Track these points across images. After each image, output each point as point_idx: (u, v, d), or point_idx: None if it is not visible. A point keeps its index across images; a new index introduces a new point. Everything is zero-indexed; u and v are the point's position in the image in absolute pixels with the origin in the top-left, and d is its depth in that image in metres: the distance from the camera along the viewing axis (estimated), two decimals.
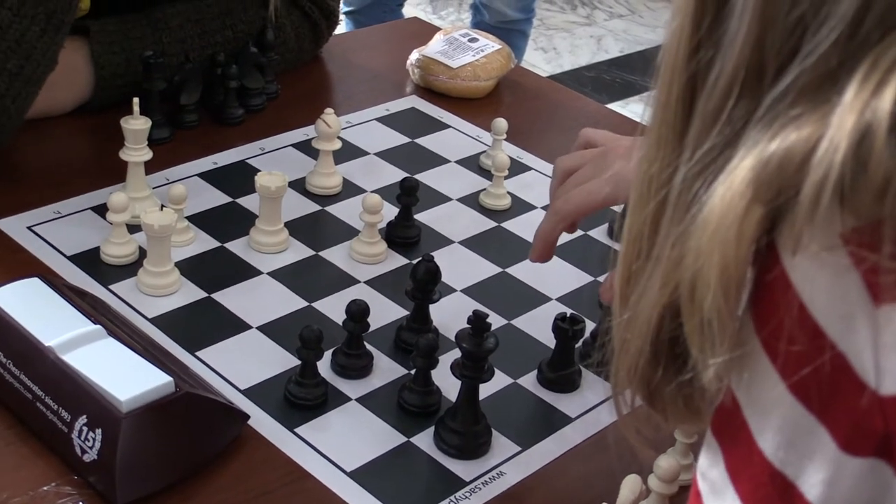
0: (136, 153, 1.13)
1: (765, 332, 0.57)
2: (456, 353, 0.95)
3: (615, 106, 3.61)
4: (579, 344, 1.02)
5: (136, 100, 1.14)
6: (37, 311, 0.90)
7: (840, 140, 0.51)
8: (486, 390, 0.94)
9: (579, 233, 1.20)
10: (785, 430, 0.57)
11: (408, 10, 3.08)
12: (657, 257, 0.61)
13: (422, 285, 1.00)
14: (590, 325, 1.03)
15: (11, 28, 1.06)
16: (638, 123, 1.47)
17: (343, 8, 1.49)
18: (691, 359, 0.59)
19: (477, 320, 0.90)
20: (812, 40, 0.55)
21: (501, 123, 1.30)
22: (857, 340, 0.53)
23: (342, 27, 1.95)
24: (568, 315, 1.01)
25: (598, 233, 1.22)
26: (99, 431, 0.82)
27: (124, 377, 0.85)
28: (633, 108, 3.62)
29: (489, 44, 1.48)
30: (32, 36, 1.09)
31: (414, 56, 1.47)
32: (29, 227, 1.11)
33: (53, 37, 1.12)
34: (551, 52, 3.91)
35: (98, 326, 0.89)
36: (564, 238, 1.19)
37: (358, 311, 0.96)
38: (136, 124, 1.12)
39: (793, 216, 0.54)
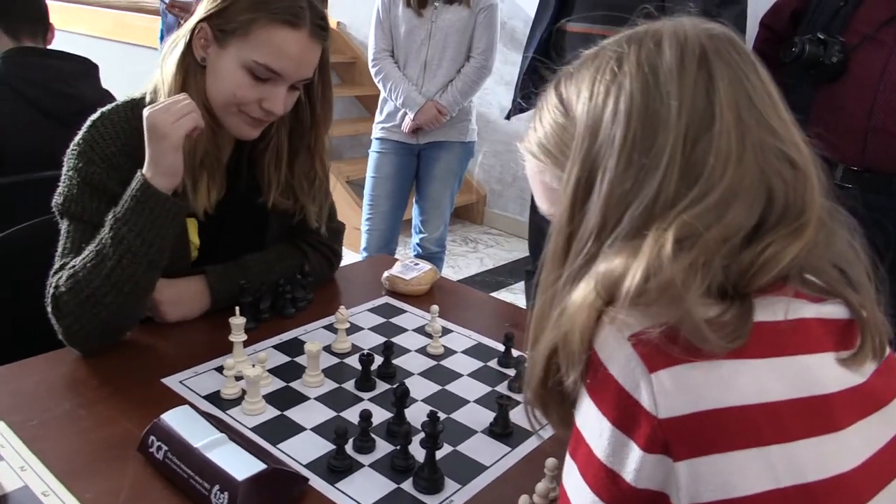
0: (237, 336, 1.14)
1: (591, 391, 0.59)
2: (421, 435, 0.96)
3: (494, 293, 3.68)
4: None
5: (237, 308, 1.16)
6: (189, 425, 0.91)
7: (638, 268, 0.56)
8: (438, 454, 0.94)
9: (482, 364, 1.23)
10: (609, 443, 0.58)
11: None
12: (551, 321, 0.64)
13: (400, 399, 1.01)
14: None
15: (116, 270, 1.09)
16: (515, 307, 1.46)
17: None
18: (565, 375, 0.61)
19: (432, 416, 0.92)
20: (629, 213, 0.60)
21: (435, 308, 1.33)
22: (642, 390, 0.55)
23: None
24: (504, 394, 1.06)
25: (493, 363, 1.24)
26: (226, 494, 0.82)
27: (239, 464, 0.85)
28: (502, 296, 3.67)
29: (425, 266, 1.53)
30: (138, 272, 1.10)
31: (385, 274, 1.51)
32: (181, 382, 1.10)
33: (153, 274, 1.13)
34: (456, 267, 3.98)
35: (223, 434, 0.89)
36: (474, 366, 1.22)
37: (366, 417, 0.97)
38: (238, 321, 1.14)
39: (617, 304, 0.57)
